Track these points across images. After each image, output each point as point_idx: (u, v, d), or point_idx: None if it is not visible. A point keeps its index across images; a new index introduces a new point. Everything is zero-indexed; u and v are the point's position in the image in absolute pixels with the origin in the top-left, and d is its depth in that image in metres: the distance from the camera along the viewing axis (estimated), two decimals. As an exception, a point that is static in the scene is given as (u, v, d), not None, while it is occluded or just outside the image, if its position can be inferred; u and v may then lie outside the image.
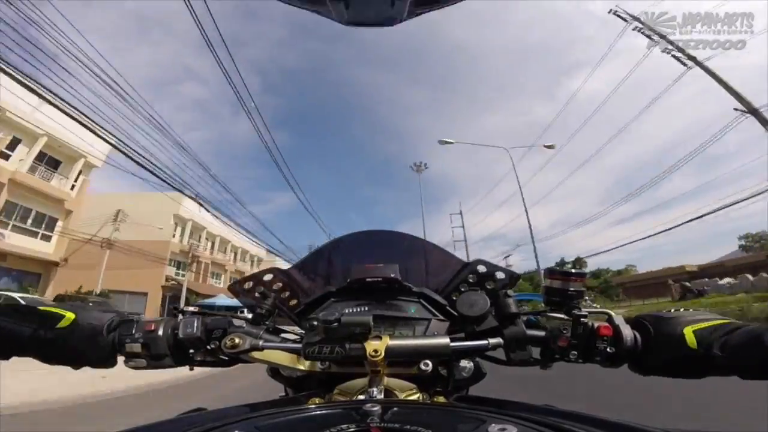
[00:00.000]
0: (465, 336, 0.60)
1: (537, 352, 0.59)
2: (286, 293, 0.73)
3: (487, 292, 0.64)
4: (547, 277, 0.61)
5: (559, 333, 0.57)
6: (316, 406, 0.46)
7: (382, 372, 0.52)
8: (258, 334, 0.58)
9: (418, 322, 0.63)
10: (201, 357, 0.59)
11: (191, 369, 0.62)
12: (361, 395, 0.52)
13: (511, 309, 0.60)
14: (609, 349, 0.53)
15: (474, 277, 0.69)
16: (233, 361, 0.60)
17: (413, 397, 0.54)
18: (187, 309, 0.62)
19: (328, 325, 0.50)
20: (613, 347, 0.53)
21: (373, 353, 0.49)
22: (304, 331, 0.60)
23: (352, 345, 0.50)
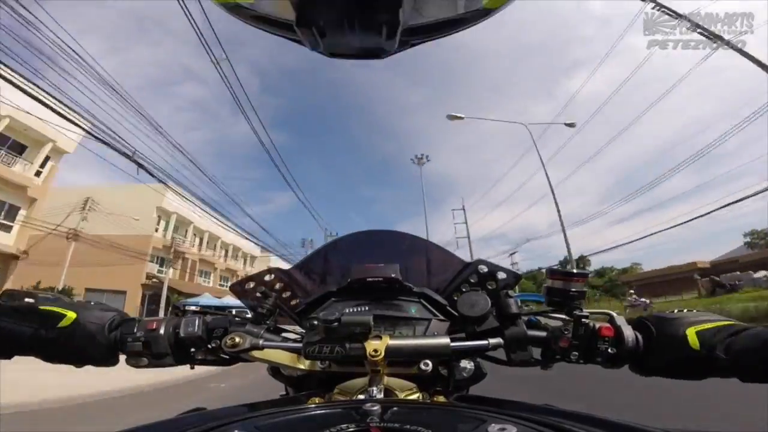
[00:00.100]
0: (465, 336, 0.60)
1: (538, 352, 0.59)
2: (287, 293, 0.73)
3: (488, 293, 0.64)
4: (548, 278, 0.61)
5: (560, 333, 0.57)
6: (316, 406, 0.46)
7: (382, 372, 0.52)
8: (259, 333, 0.58)
9: (419, 322, 0.63)
10: (202, 356, 0.60)
11: (192, 368, 0.62)
12: (361, 395, 0.52)
13: (512, 309, 0.60)
14: (610, 350, 0.53)
15: (475, 277, 0.69)
16: (234, 360, 0.60)
17: (413, 396, 0.54)
18: (188, 308, 0.62)
19: (328, 325, 0.50)
20: (614, 348, 0.53)
21: (373, 353, 0.49)
22: (304, 330, 0.60)
23: (353, 345, 0.50)
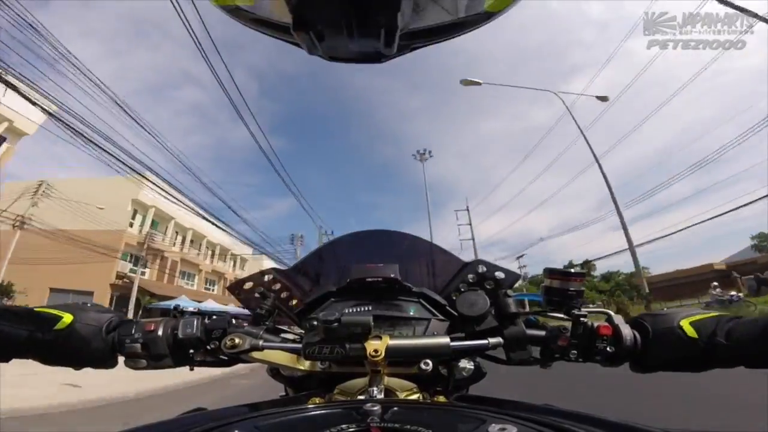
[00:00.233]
0: (465, 336, 0.60)
1: (537, 351, 0.59)
2: (286, 293, 0.73)
3: (487, 292, 0.64)
4: (546, 277, 0.61)
5: (559, 333, 0.57)
6: (316, 406, 0.46)
7: (383, 372, 0.52)
8: (258, 334, 0.58)
9: (418, 321, 0.63)
10: (201, 357, 0.59)
11: (191, 369, 0.62)
12: (362, 395, 0.52)
13: (510, 309, 0.60)
14: (609, 349, 0.53)
15: (474, 277, 0.69)
16: (233, 361, 0.60)
17: (413, 396, 0.54)
18: (186, 309, 0.62)
19: (328, 325, 0.50)
20: (612, 347, 0.53)
21: (374, 353, 0.49)
22: (304, 331, 0.60)
23: (352, 345, 0.50)
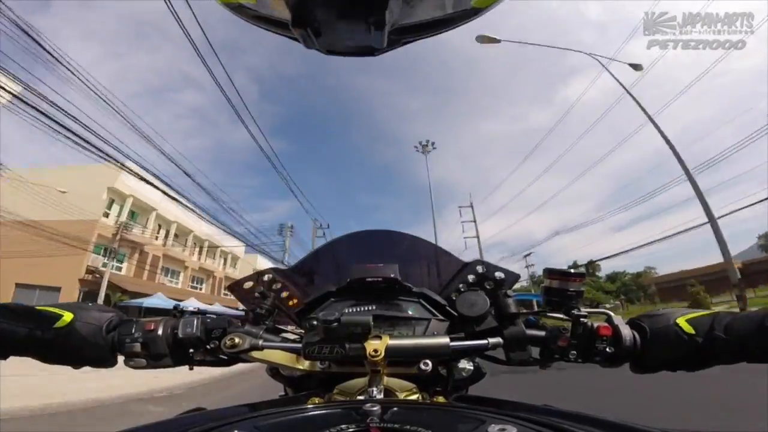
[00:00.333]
0: (465, 336, 0.60)
1: (537, 352, 0.59)
2: (286, 293, 0.73)
3: (487, 292, 0.64)
4: (546, 278, 0.61)
5: (558, 333, 0.57)
6: (316, 406, 0.46)
7: (382, 372, 0.52)
8: (258, 333, 0.58)
9: (418, 322, 0.63)
10: (200, 357, 0.59)
11: (191, 368, 0.62)
12: (361, 395, 0.52)
13: (510, 309, 0.60)
14: (608, 349, 0.53)
15: (474, 277, 0.69)
16: (233, 361, 0.60)
17: (413, 396, 0.54)
18: (186, 309, 0.62)
19: (327, 325, 0.50)
20: (612, 347, 0.53)
21: (373, 353, 0.49)
22: (304, 330, 0.60)
23: (352, 345, 0.50)
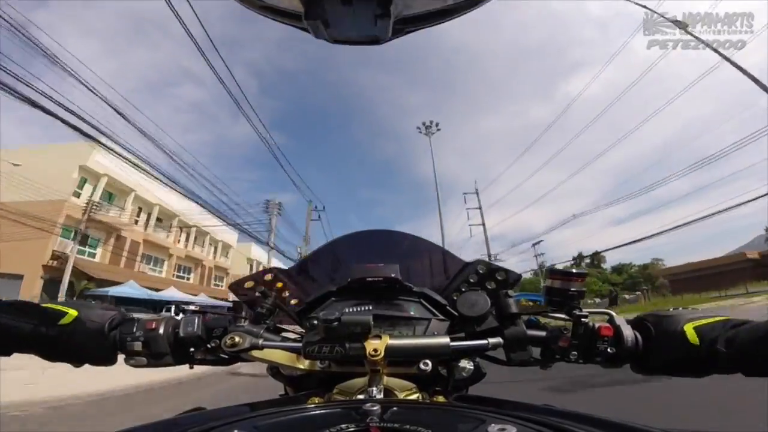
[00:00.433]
0: (465, 336, 0.60)
1: (537, 352, 0.59)
2: (287, 292, 0.73)
3: (488, 292, 0.64)
4: (548, 277, 0.61)
5: (559, 333, 0.57)
6: (316, 406, 0.46)
7: (382, 371, 0.52)
8: (258, 333, 0.58)
9: (419, 321, 0.63)
10: (201, 355, 0.60)
11: (191, 367, 0.62)
12: (361, 394, 0.52)
13: (511, 309, 0.60)
14: (610, 350, 0.53)
15: (475, 276, 0.69)
16: (233, 360, 0.60)
17: (413, 396, 0.54)
18: (188, 308, 0.62)
19: (328, 325, 0.50)
20: (614, 348, 0.53)
21: (373, 352, 0.49)
22: (304, 330, 0.60)
23: (352, 344, 0.50)
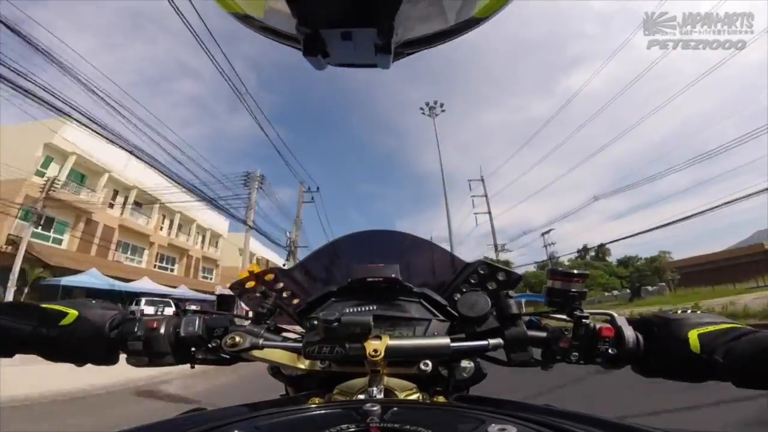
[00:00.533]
0: (465, 336, 0.60)
1: (538, 353, 0.59)
2: (288, 292, 0.74)
3: (489, 293, 0.64)
4: (548, 278, 0.61)
5: (560, 334, 0.57)
6: (316, 406, 0.46)
7: (382, 372, 0.52)
8: (259, 333, 0.58)
9: (419, 322, 0.63)
10: (202, 355, 0.60)
11: (192, 367, 0.62)
12: (361, 395, 0.52)
13: (512, 310, 0.59)
14: (611, 351, 0.53)
15: (475, 277, 0.69)
16: (234, 360, 0.60)
17: (413, 396, 0.54)
18: (189, 308, 0.62)
19: (328, 325, 0.50)
20: (614, 349, 0.53)
21: (373, 353, 0.49)
22: (304, 330, 0.60)
23: (352, 344, 0.50)
